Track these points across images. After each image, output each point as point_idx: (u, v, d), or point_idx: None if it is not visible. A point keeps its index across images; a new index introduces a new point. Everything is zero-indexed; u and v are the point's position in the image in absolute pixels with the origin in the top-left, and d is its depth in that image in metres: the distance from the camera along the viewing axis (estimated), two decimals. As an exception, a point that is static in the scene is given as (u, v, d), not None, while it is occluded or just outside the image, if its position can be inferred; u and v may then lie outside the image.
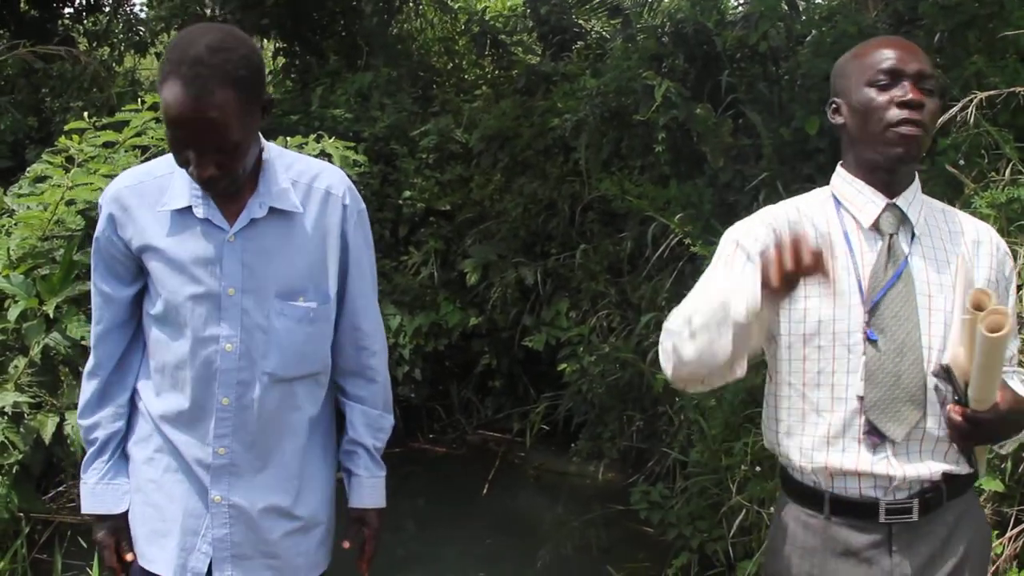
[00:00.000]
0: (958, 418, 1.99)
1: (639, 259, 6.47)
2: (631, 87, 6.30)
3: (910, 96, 2.03)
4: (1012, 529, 3.53)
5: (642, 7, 8.68)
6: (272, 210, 2.19)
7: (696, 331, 1.93)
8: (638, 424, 6.20)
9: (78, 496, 2.40)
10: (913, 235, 2.11)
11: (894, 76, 2.06)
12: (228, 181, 2.08)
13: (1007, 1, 5.07)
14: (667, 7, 8.38)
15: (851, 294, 2.08)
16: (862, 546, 2.08)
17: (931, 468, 2.06)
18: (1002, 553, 3.46)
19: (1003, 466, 3.53)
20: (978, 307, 1.92)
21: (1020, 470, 3.51)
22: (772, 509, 3.24)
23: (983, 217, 3.91)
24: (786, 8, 6.13)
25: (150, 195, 2.19)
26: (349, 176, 2.35)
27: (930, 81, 2.07)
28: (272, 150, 2.24)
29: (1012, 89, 4.16)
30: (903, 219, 2.10)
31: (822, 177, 5.50)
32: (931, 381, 2.06)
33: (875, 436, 2.05)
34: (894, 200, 2.09)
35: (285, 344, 2.21)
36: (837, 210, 2.15)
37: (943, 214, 2.19)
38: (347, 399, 2.42)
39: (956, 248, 2.13)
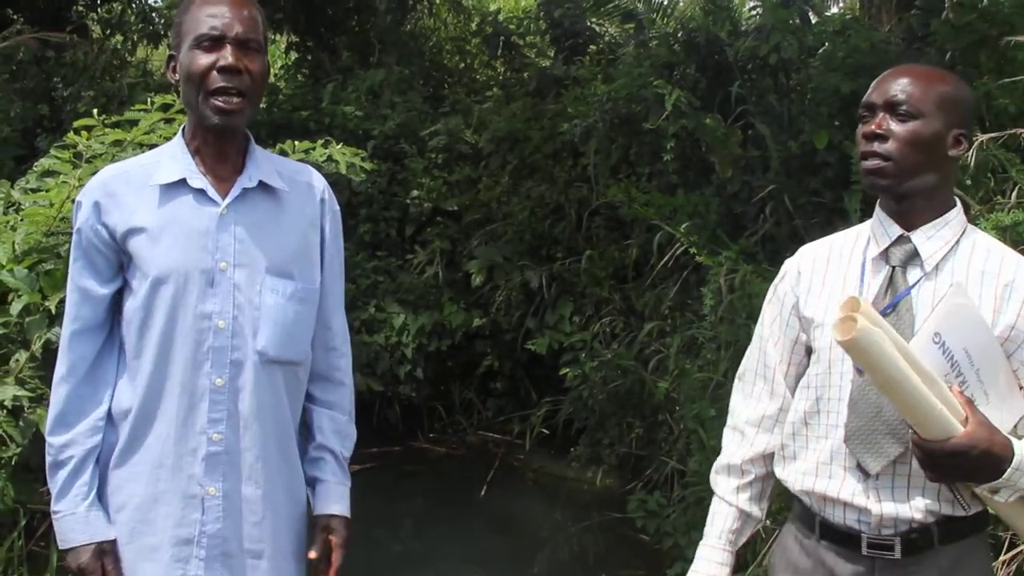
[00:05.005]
0: (913, 446, 1.92)
1: (644, 266, 6.50)
2: (642, 94, 6.31)
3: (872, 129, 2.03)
4: (1005, 553, 3.53)
5: (655, 13, 8.68)
6: (261, 185, 2.21)
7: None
8: (637, 431, 6.22)
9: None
10: (924, 270, 2.02)
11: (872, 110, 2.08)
12: (243, 92, 2.10)
13: (1018, 22, 5.06)
14: (680, 14, 8.38)
15: None
16: (847, 574, 2.07)
17: (918, 507, 2.00)
18: (996, 577, 3.46)
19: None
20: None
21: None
22: (767, 522, 3.24)
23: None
24: (798, 21, 6.12)
25: (137, 179, 2.18)
26: (355, 180, 2.35)
27: (904, 106, 2.00)
28: (255, 146, 2.28)
29: (1014, 131, 4.16)
30: (914, 252, 2.03)
31: (829, 191, 5.58)
32: None
33: (861, 469, 2.03)
34: (909, 232, 2.03)
35: (275, 321, 2.18)
36: (868, 240, 2.11)
37: (986, 252, 2.06)
38: (314, 404, 2.36)
39: (982, 289, 2.01)
